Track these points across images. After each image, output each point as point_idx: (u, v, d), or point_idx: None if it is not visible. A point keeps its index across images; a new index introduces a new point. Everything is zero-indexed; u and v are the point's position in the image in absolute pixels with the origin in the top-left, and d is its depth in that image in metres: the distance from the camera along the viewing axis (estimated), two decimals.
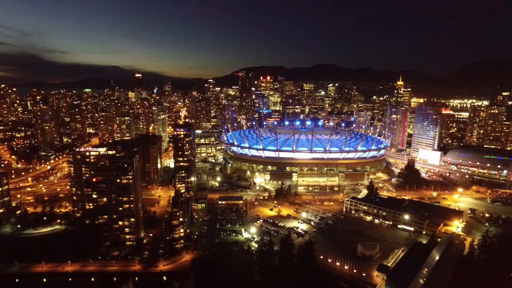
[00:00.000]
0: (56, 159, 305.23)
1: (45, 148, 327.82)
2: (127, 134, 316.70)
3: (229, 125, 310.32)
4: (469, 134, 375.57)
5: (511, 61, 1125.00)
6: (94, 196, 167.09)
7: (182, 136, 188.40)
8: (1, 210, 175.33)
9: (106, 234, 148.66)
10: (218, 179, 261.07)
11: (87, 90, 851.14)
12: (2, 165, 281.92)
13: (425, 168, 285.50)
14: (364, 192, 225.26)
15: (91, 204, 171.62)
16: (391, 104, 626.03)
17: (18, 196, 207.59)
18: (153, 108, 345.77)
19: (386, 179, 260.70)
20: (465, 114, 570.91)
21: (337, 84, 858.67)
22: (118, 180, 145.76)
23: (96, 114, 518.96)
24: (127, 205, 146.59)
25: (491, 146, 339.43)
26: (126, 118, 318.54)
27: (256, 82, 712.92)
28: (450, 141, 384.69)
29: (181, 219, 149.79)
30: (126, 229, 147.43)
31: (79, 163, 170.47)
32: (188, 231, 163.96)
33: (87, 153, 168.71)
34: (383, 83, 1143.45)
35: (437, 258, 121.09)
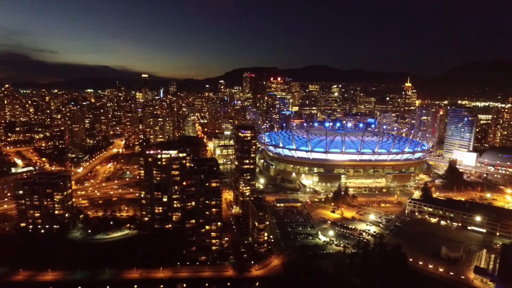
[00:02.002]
0: (91, 161, 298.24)
1: (74, 150, 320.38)
2: (160, 136, 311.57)
3: (263, 127, 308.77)
4: (491, 136, 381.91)
5: (498, 63, 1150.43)
6: (163, 199, 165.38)
7: (249, 138, 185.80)
8: (67, 215, 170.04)
9: (190, 238, 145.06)
10: (261, 181, 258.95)
11: (88, 90, 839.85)
12: (37, 167, 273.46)
13: (460, 169, 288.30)
14: (417, 193, 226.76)
15: (160, 208, 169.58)
16: (400, 105, 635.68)
17: (73, 200, 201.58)
18: (183, 109, 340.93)
19: (428, 180, 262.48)
20: None
21: (340, 86, 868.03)
22: (207, 184, 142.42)
23: (109, 115, 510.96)
24: (215, 209, 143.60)
25: None
26: (159, 119, 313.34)
27: (264, 83, 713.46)
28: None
29: (267, 222, 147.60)
30: (213, 233, 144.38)
31: (150, 166, 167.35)
32: None
33: (159, 156, 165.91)
34: (376, 84, 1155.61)
35: None
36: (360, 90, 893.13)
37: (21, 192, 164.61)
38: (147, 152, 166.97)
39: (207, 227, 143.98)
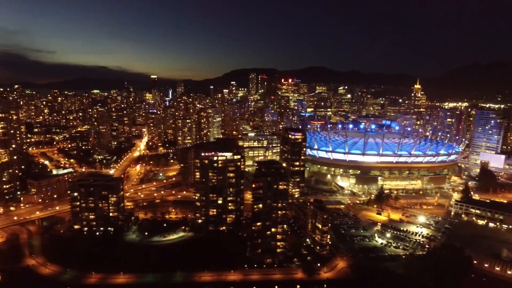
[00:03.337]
0: (120, 162, 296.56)
1: (101, 152, 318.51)
2: (188, 138, 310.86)
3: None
4: (511, 138, 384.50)
5: (497, 65, 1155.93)
6: (218, 201, 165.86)
7: (300, 140, 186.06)
8: (121, 217, 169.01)
9: (256, 241, 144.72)
10: None
11: (95, 91, 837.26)
12: (72, 169, 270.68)
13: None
14: (455, 195, 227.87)
15: (214, 210, 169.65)
16: (409, 107, 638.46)
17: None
18: (209, 111, 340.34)
19: (461, 182, 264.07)
20: None
21: (346, 87, 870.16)
22: (275, 186, 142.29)
23: (130, 116, 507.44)
24: (281, 212, 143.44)
25: None
26: (187, 121, 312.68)
27: (273, 84, 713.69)
28: None
29: (329, 224, 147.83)
30: (278, 235, 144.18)
31: (206, 168, 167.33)
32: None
33: (215, 158, 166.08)
34: (375, 86, 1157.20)
35: None
36: (367, 92, 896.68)
37: (75, 194, 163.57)
38: (203, 154, 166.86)
39: (273, 229, 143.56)
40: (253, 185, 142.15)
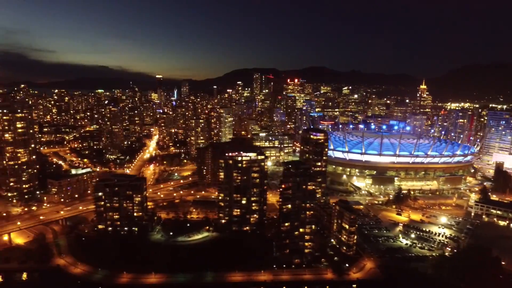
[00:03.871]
0: (134, 162, 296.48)
1: (114, 151, 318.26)
2: (201, 138, 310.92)
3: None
4: None
5: (498, 65, 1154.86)
6: (242, 201, 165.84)
7: (322, 141, 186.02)
8: (145, 217, 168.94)
9: (283, 241, 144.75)
10: None
11: (99, 91, 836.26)
12: (90, 169, 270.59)
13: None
14: (473, 196, 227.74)
15: (238, 210, 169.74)
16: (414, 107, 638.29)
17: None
18: (221, 111, 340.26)
19: (476, 183, 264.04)
20: None
21: (350, 87, 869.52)
22: (304, 186, 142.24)
23: (135, 117, 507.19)
24: (309, 212, 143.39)
25: None
26: (200, 121, 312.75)
27: (278, 84, 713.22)
28: None
29: (356, 225, 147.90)
30: (306, 236, 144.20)
31: (230, 168, 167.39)
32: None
33: (239, 158, 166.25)
34: (376, 86, 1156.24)
35: None
36: (370, 92, 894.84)
37: (100, 194, 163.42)
38: (228, 154, 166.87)
39: (301, 229, 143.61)
40: (282, 186, 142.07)
